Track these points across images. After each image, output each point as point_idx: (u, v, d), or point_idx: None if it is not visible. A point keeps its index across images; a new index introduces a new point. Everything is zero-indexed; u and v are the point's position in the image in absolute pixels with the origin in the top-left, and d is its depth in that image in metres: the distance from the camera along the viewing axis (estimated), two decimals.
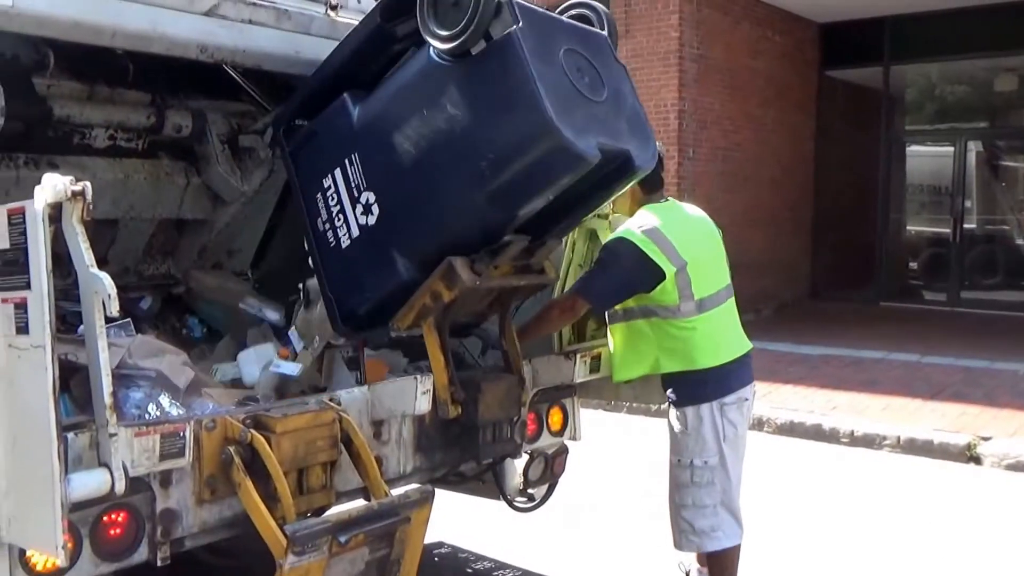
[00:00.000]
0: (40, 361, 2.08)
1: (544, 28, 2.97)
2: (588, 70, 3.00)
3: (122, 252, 3.97)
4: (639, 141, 3.13)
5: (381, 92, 3.16)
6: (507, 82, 2.81)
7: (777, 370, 8.73)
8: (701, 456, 3.51)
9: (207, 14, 3.41)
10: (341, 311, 3.28)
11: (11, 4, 2.91)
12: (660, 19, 10.57)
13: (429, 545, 4.83)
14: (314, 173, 3.29)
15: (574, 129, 2.79)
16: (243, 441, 2.59)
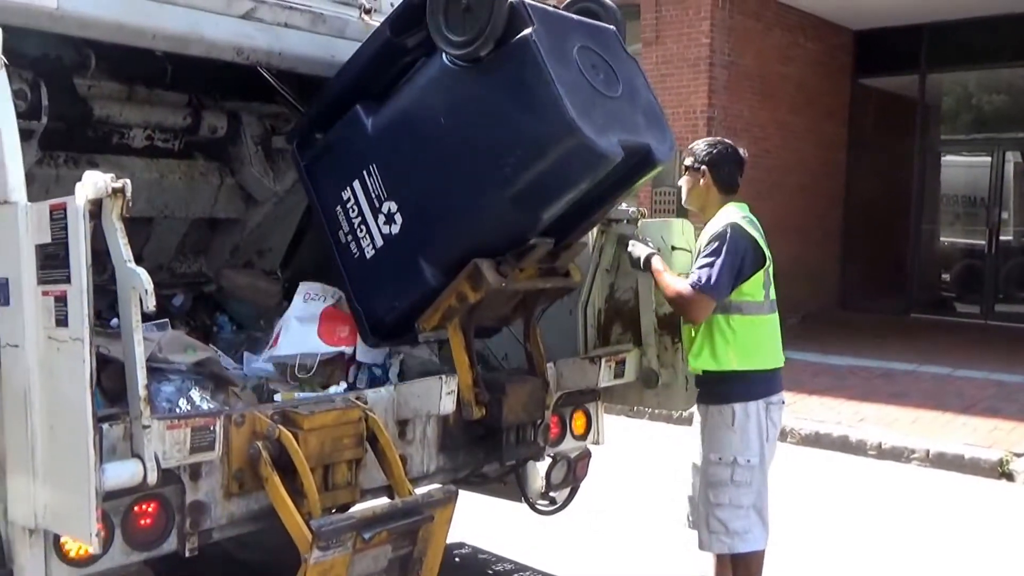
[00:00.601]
0: (78, 353, 2.16)
1: (557, 27, 3.01)
2: (602, 66, 3.04)
3: (156, 250, 4.06)
4: (657, 134, 3.18)
5: (395, 101, 3.23)
6: (526, 85, 2.85)
7: (802, 380, 8.68)
8: (744, 454, 3.50)
9: (244, 17, 3.51)
10: (369, 321, 3.34)
11: (56, 6, 3.02)
12: (691, 25, 10.59)
13: (449, 545, 4.86)
14: (332, 186, 3.35)
15: (595, 128, 2.83)
16: (271, 436, 2.66)
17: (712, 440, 3.56)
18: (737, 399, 3.51)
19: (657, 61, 10.90)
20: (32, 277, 2.27)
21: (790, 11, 11.76)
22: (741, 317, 3.50)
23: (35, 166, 3.48)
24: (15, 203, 2.33)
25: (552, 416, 3.73)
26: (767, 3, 11.39)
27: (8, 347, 2.35)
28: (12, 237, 2.31)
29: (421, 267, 3.17)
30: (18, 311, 2.30)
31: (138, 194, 3.74)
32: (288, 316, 3.41)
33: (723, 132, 10.92)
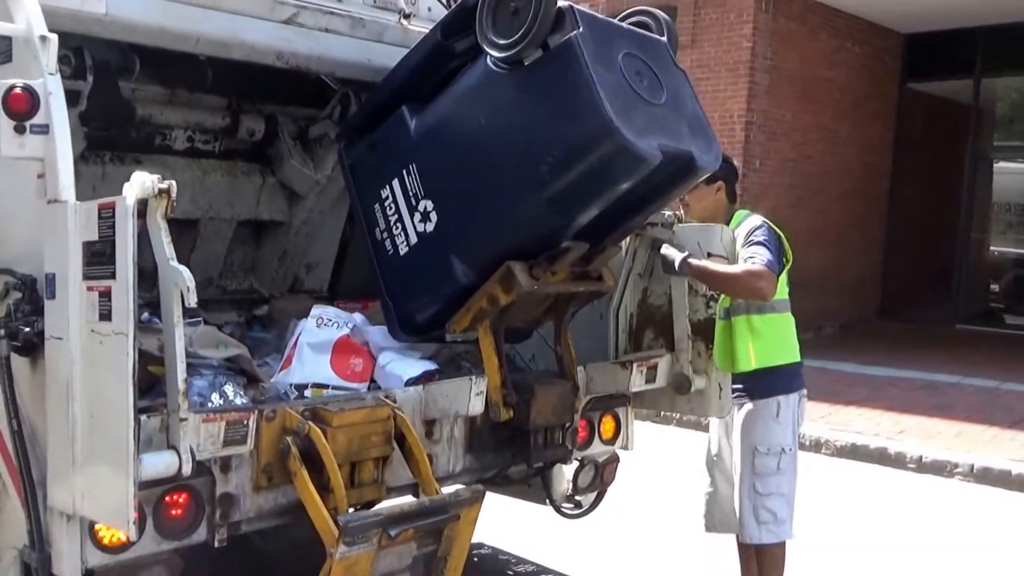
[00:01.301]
0: (122, 347, 2.27)
1: (603, 33, 3.07)
2: (647, 74, 3.10)
3: (204, 258, 4.16)
4: (701, 143, 3.21)
5: (439, 103, 3.31)
6: (568, 87, 2.91)
7: (838, 391, 8.61)
8: (788, 443, 3.74)
9: (286, 22, 3.62)
10: (398, 316, 3.43)
11: (105, 12, 3.15)
12: (731, 29, 10.58)
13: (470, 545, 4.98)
14: (372, 184, 3.45)
15: (635, 131, 2.88)
16: (300, 432, 2.76)
17: (758, 433, 3.74)
18: (780, 391, 3.74)
19: (693, 65, 10.88)
20: (78, 273, 2.39)
21: (838, 15, 11.68)
22: (774, 315, 3.71)
23: (82, 163, 3.61)
24: (65, 202, 2.45)
25: (581, 420, 3.77)
26: (813, 7, 11.33)
27: (53, 339, 2.48)
28: (61, 234, 2.43)
29: (453, 265, 3.25)
30: (63, 305, 2.42)
31: (182, 193, 3.87)
32: (301, 341, 3.45)
33: (762, 137, 10.92)
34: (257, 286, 4.43)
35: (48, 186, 2.51)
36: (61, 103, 2.52)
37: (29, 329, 2.52)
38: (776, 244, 3.64)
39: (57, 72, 2.55)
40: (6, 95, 2.46)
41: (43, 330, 2.52)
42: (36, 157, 2.52)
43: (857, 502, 6.20)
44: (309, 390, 3.37)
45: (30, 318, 2.54)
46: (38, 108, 2.49)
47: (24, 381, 2.64)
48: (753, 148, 10.86)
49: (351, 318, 3.66)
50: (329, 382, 3.42)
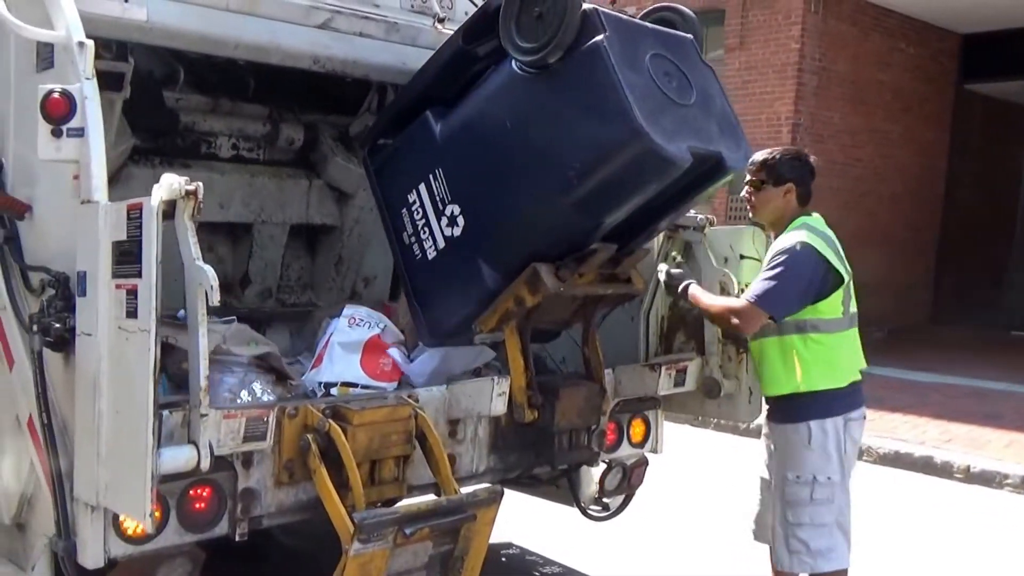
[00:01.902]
0: (145, 343, 2.32)
1: (629, 35, 3.04)
2: (675, 74, 3.06)
3: (262, 266, 4.19)
4: (731, 142, 3.16)
5: (464, 107, 3.30)
6: (595, 90, 2.89)
7: (884, 397, 8.40)
8: (824, 472, 3.44)
9: (321, 27, 3.67)
10: (427, 320, 3.44)
11: (146, 19, 3.22)
12: (779, 31, 10.44)
13: (497, 545, 4.97)
14: (399, 189, 3.45)
15: (664, 133, 2.85)
16: (321, 430, 2.78)
17: (789, 459, 3.49)
18: (814, 417, 3.45)
19: (740, 67, 10.79)
20: (107, 271, 2.45)
21: (890, 15, 11.47)
22: (818, 335, 3.43)
23: (133, 165, 3.71)
24: (96, 202, 2.52)
25: (609, 422, 3.76)
26: (864, 7, 11.14)
27: (83, 335, 2.54)
28: (92, 233, 2.49)
29: (481, 269, 3.24)
30: (93, 302, 2.49)
31: (232, 197, 4.04)
32: (332, 340, 3.45)
33: (809, 139, 10.76)
34: (315, 299, 4.42)
35: (82, 187, 2.58)
36: (96, 107, 2.58)
37: (59, 325, 2.59)
38: (803, 275, 3.34)
39: (94, 77, 2.61)
40: (45, 100, 2.53)
41: (74, 326, 2.58)
42: (71, 159, 2.58)
43: (899, 511, 6.06)
44: (336, 389, 3.40)
45: (62, 314, 2.61)
46: (75, 112, 2.55)
47: (58, 376, 2.71)
48: None
49: (382, 318, 3.68)
50: (358, 381, 3.45)
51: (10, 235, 2.91)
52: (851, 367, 3.54)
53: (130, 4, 3.18)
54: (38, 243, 2.88)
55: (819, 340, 3.44)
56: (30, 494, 2.89)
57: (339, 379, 3.46)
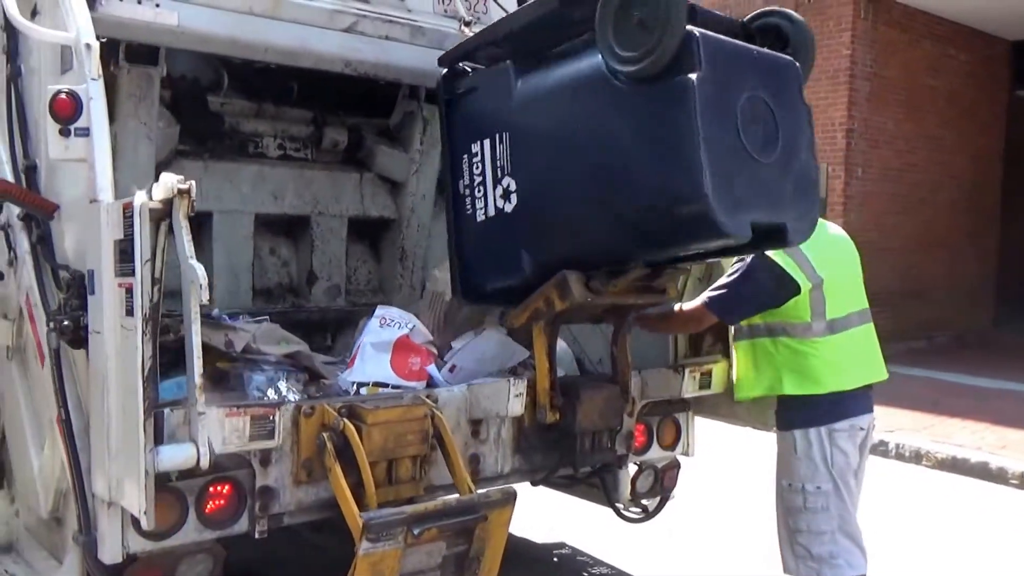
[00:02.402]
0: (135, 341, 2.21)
1: (729, 69, 2.64)
2: (765, 119, 2.70)
3: (326, 263, 4.05)
4: (800, 209, 2.84)
5: (544, 78, 2.95)
6: (673, 131, 2.55)
7: (943, 402, 8.08)
8: (813, 481, 3.27)
9: (347, 30, 3.56)
10: (463, 278, 3.25)
11: (176, 24, 3.16)
12: (831, 37, 10.05)
13: (549, 544, 4.81)
14: (465, 132, 3.18)
15: (730, 203, 2.54)
16: (336, 429, 2.64)
17: (782, 465, 3.36)
18: (797, 425, 3.28)
19: None
20: (111, 269, 2.34)
21: (940, 22, 10.99)
22: (789, 340, 3.26)
23: (185, 159, 3.66)
24: (100, 201, 2.42)
25: (638, 424, 3.57)
26: (914, 14, 10.69)
27: (94, 333, 2.45)
28: (97, 232, 2.40)
29: (520, 254, 3.03)
30: (100, 300, 2.39)
31: (284, 189, 3.92)
32: (363, 341, 3.33)
33: (863, 145, 10.35)
34: (385, 299, 4.23)
35: (88, 186, 2.48)
36: (101, 107, 2.49)
37: (69, 323, 2.50)
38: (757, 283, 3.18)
39: (100, 78, 2.52)
40: (52, 100, 2.46)
41: (87, 324, 2.48)
42: (79, 158, 2.50)
43: (953, 516, 5.71)
44: (365, 388, 3.27)
45: (76, 312, 2.53)
46: (81, 112, 2.46)
47: (81, 373, 2.62)
48: (855, 156, 10.30)
49: (411, 319, 3.54)
50: (388, 381, 3.29)
51: (42, 234, 2.84)
52: (834, 375, 3.27)
53: (161, 9, 3.15)
54: (64, 242, 2.80)
55: (789, 345, 3.26)
56: (64, 489, 2.82)
57: (370, 379, 3.32)
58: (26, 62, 3.03)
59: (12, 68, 3.04)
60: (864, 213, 10.34)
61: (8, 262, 3.03)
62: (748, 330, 3.40)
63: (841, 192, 10.05)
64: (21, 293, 2.91)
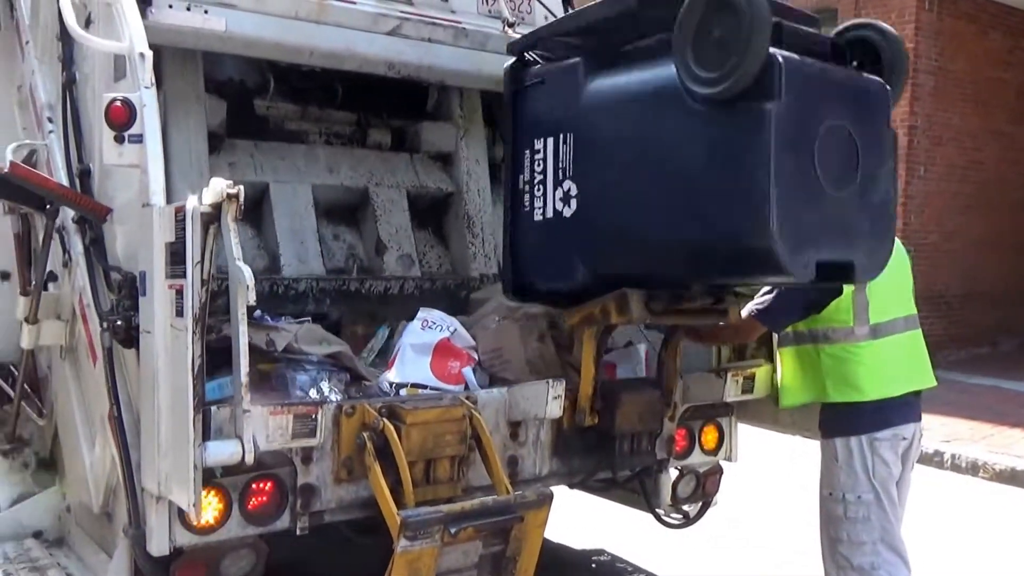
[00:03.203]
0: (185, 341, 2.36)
1: (812, 96, 2.59)
2: (846, 149, 2.66)
3: (392, 232, 4.05)
4: (872, 244, 2.82)
5: (616, 82, 2.92)
6: (744, 159, 2.53)
7: (1006, 411, 7.96)
8: (853, 491, 3.31)
9: (391, 33, 3.69)
10: (515, 275, 3.28)
11: (224, 29, 3.32)
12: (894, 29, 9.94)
13: (588, 550, 4.90)
14: (530, 126, 3.17)
15: (796, 242, 2.52)
16: (376, 428, 2.78)
17: (824, 474, 3.40)
18: (839, 434, 3.33)
19: None
20: (162, 271, 2.50)
21: (1011, 12, 10.78)
22: (831, 346, 3.30)
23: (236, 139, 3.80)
24: (153, 205, 2.58)
25: (679, 429, 3.65)
26: (982, 5, 10.51)
27: (144, 333, 2.61)
28: (149, 235, 2.56)
29: (575, 262, 3.06)
30: (151, 301, 2.55)
31: (339, 164, 4.01)
32: (404, 342, 3.42)
33: (926, 143, 10.21)
34: (460, 274, 4.19)
35: (141, 191, 2.65)
36: (154, 114, 2.65)
37: (122, 323, 2.66)
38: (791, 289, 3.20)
39: (153, 86, 2.68)
40: (108, 107, 2.62)
41: (138, 324, 2.65)
42: (133, 164, 2.66)
43: (1009, 531, 5.65)
44: (405, 390, 3.39)
45: (128, 313, 2.69)
46: (135, 119, 2.63)
47: (132, 372, 2.79)
48: (917, 154, 10.16)
49: (453, 322, 3.65)
50: (427, 383, 3.41)
51: (96, 237, 3.02)
52: (878, 382, 3.30)
53: (210, 15, 3.30)
54: (117, 245, 2.98)
55: (833, 351, 3.31)
56: (114, 485, 2.99)
57: (409, 380, 3.44)
58: (80, 69, 3.22)
59: (67, 75, 3.23)
60: (926, 213, 10.22)
61: (63, 264, 3.23)
62: (793, 336, 3.46)
63: (902, 192, 9.92)
64: (75, 294, 3.10)
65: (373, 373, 3.57)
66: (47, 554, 3.37)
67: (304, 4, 3.50)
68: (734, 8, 2.48)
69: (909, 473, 3.44)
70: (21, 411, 3.55)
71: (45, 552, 3.38)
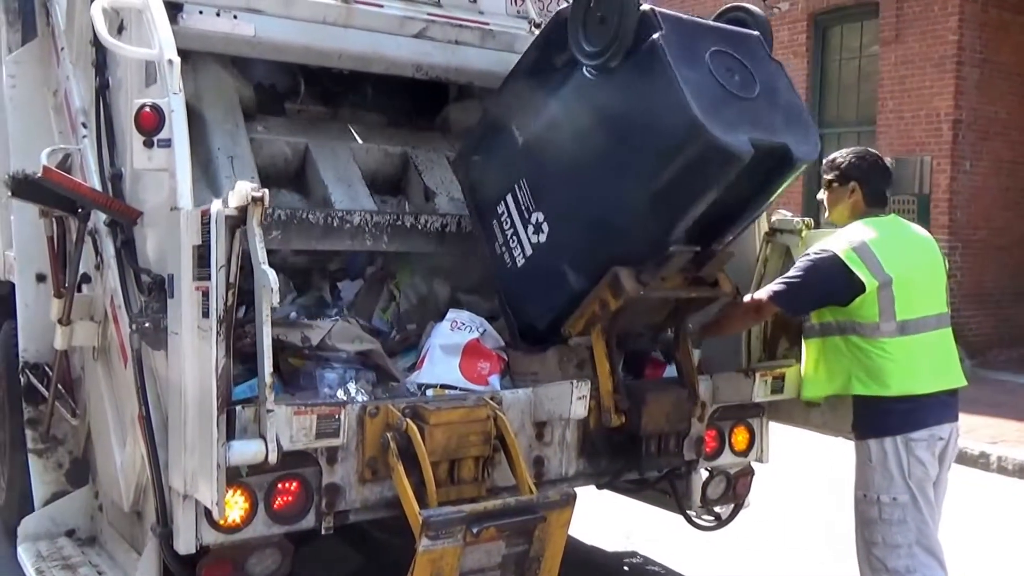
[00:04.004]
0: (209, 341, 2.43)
1: (688, 33, 3.09)
2: (738, 69, 3.08)
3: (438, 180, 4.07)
4: (798, 134, 3.12)
5: (542, 116, 3.34)
6: (654, 88, 2.94)
7: None
8: (888, 492, 3.27)
9: (417, 36, 3.75)
10: (520, 326, 3.47)
11: (253, 34, 3.41)
12: (936, 22, 9.80)
13: (620, 553, 4.91)
14: (489, 201, 3.52)
15: (723, 126, 2.86)
16: (399, 428, 2.82)
17: (858, 475, 3.37)
18: (873, 434, 3.29)
19: (896, 62, 10.19)
20: (189, 273, 2.57)
21: None
22: (859, 339, 3.27)
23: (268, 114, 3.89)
24: (180, 209, 2.65)
25: (709, 429, 3.66)
26: None
27: (172, 334, 2.68)
28: (177, 238, 2.63)
29: (566, 273, 3.26)
30: (179, 303, 2.63)
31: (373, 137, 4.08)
32: (433, 343, 3.48)
33: (972, 137, 10.04)
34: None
35: (169, 194, 2.72)
36: (182, 119, 2.72)
37: (150, 325, 2.74)
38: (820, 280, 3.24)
39: (181, 92, 2.75)
40: (138, 113, 2.70)
41: (167, 326, 2.72)
42: (161, 168, 2.74)
43: None
44: (433, 390, 3.43)
45: (157, 315, 2.76)
46: (164, 124, 2.70)
47: (161, 373, 2.87)
48: (962, 148, 10.00)
49: (483, 323, 3.69)
50: (456, 384, 3.45)
51: (127, 239, 3.11)
52: (903, 378, 3.26)
53: (239, 20, 3.39)
54: (147, 248, 3.07)
55: (859, 344, 3.28)
56: (144, 484, 3.07)
57: (438, 381, 3.48)
58: (113, 75, 3.31)
59: (100, 81, 3.32)
60: (972, 209, 10.04)
61: (95, 266, 3.32)
62: (819, 328, 3.43)
63: (947, 188, 9.79)
64: (106, 296, 3.20)
65: (403, 373, 3.64)
66: (79, 552, 3.46)
67: (332, 9, 3.57)
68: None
69: (946, 474, 3.40)
70: (55, 411, 3.65)
71: (77, 550, 3.47)
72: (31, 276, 3.80)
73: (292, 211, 3.37)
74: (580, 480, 3.40)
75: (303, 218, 3.36)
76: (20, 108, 3.99)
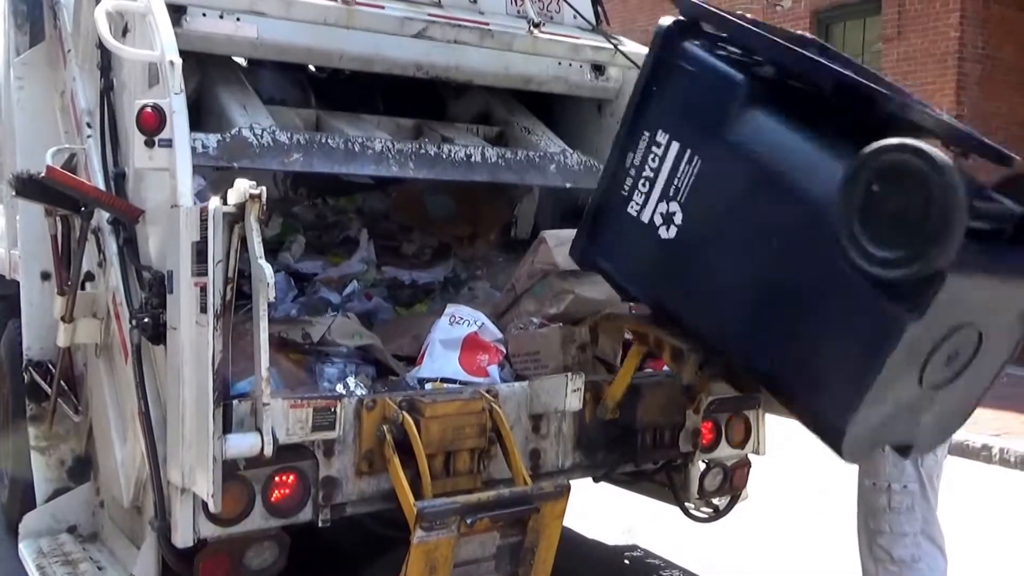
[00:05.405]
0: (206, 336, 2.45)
1: (961, 300, 2.34)
2: (965, 352, 2.52)
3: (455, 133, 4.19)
4: (936, 430, 2.86)
5: (772, 132, 2.62)
6: (858, 345, 2.41)
7: None
8: (899, 480, 3.25)
9: (417, 36, 3.77)
10: (589, 243, 3.16)
11: (256, 36, 3.43)
12: (937, 18, 9.78)
13: (621, 547, 4.92)
14: (660, 112, 2.85)
15: (863, 442, 2.59)
16: (395, 421, 2.84)
17: (866, 464, 3.33)
18: None
19: (898, 58, 10.17)
20: (188, 269, 2.60)
21: None
22: None
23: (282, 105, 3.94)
24: (180, 206, 2.68)
25: (705, 421, 3.65)
26: None
27: (171, 329, 2.71)
28: (176, 235, 2.66)
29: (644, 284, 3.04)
30: (177, 299, 2.65)
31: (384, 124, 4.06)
32: (433, 338, 3.49)
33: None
34: None
35: (170, 193, 2.74)
36: (183, 119, 2.75)
37: (150, 320, 2.76)
38: None
39: (182, 92, 2.78)
40: (139, 113, 2.73)
41: (166, 321, 2.75)
42: (162, 168, 2.76)
43: None
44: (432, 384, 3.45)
45: (156, 311, 2.79)
46: (165, 124, 2.73)
47: (161, 368, 2.89)
48: None
49: (480, 316, 3.71)
50: (456, 377, 3.47)
51: (129, 237, 3.14)
52: None
53: (242, 22, 3.41)
54: (149, 246, 3.09)
55: None
56: (144, 480, 3.08)
57: (437, 375, 3.50)
58: (118, 76, 3.34)
59: (105, 82, 3.36)
60: None
61: (98, 263, 3.36)
62: None
63: None
64: (109, 293, 3.22)
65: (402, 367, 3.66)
66: (80, 548, 3.48)
67: (333, 10, 3.59)
68: (916, 177, 2.16)
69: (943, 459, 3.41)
70: (58, 408, 3.68)
71: (78, 546, 3.49)
72: (36, 274, 3.84)
73: (311, 135, 3.43)
74: (577, 472, 3.41)
75: (323, 143, 3.41)
76: (28, 109, 4.04)
